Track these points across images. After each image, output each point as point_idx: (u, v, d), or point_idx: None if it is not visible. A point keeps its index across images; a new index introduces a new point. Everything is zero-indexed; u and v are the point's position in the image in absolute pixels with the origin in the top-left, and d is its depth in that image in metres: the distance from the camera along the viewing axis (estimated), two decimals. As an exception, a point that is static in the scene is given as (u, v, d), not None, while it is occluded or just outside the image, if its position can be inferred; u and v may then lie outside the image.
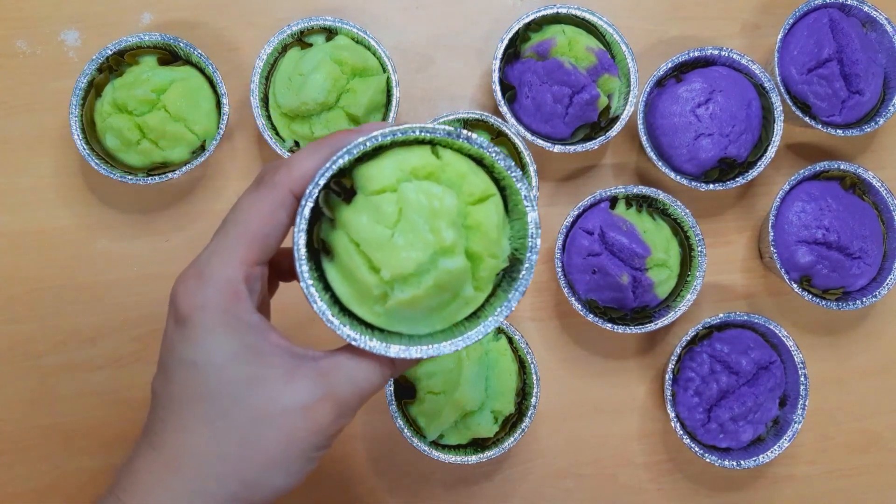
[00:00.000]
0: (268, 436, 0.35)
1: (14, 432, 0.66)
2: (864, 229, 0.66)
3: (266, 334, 0.36)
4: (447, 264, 0.35)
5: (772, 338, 0.66)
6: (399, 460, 0.67)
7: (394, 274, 0.35)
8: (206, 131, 0.66)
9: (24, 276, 0.67)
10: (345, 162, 0.35)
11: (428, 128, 0.36)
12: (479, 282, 0.37)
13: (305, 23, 0.66)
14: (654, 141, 0.68)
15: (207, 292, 0.35)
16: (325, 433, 0.36)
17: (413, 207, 0.35)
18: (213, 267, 0.36)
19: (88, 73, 0.64)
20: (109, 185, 0.68)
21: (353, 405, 0.37)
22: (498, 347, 0.64)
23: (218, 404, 0.35)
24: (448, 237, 0.35)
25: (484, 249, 0.36)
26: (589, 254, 0.64)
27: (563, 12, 0.67)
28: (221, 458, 0.35)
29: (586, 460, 0.68)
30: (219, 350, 0.35)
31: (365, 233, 0.35)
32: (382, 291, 0.36)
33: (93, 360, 0.67)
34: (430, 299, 0.36)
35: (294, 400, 0.35)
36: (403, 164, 0.36)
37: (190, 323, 0.35)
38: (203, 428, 0.35)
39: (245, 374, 0.35)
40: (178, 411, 0.36)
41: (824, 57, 0.66)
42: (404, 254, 0.35)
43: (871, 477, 0.70)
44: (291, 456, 0.35)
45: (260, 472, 0.35)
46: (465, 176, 0.36)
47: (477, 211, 0.36)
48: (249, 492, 0.35)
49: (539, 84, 0.65)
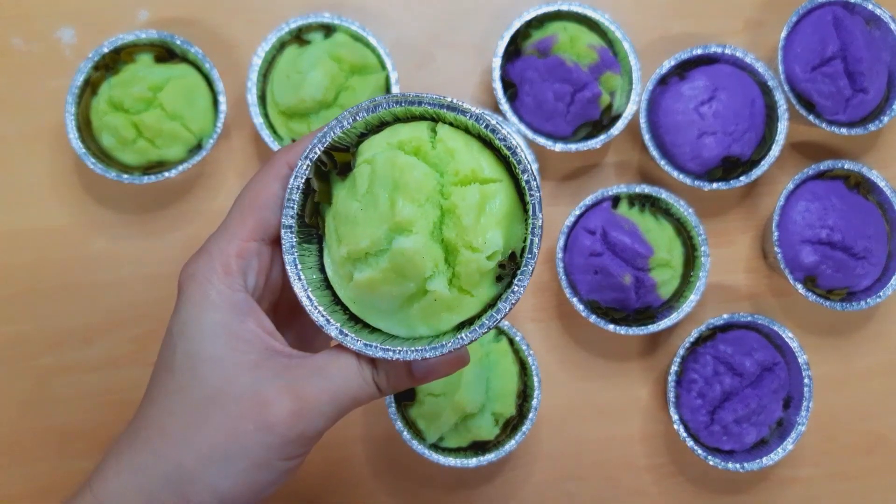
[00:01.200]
0: (214, 420, 0.32)
1: (10, 434, 0.65)
2: (868, 229, 0.66)
3: (245, 316, 0.34)
4: (401, 243, 0.32)
5: (776, 339, 0.65)
6: (399, 463, 0.66)
7: (349, 250, 0.32)
8: (203, 130, 0.65)
9: (20, 276, 0.67)
10: (336, 135, 0.34)
11: (416, 96, 0.33)
12: (460, 279, 0.33)
13: (304, 20, 0.66)
14: (656, 139, 0.67)
15: (199, 264, 0.35)
16: (277, 431, 0.32)
17: (379, 178, 0.32)
18: (212, 241, 0.35)
19: (84, 71, 0.64)
20: (105, 184, 0.68)
21: (320, 406, 0.33)
22: (498, 349, 0.63)
23: (178, 377, 0.33)
24: (402, 211, 0.31)
25: (458, 237, 0.32)
26: (591, 254, 0.64)
27: (565, 9, 0.66)
28: (166, 434, 0.33)
29: (588, 463, 0.68)
30: (192, 321, 0.34)
31: (340, 205, 0.34)
32: (347, 271, 0.33)
33: (89, 361, 0.66)
34: (389, 285, 0.32)
35: (249, 387, 0.33)
36: (392, 138, 0.34)
37: (181, 292, 0.35)
38: (162, 400, 0.34)
39: (210, 350, 0.33)
40: (151, 381, 0.35)
41: (828, 55, 0.66)
42: (360, 228, 0.32)
43: (876, 479, 0.69)
44: (234, 450, 0.32)
45: (197, 460, 0.32)
46: (455, 152, 0.33)
47: (456, 192, 0.32)
48: (184, 480, 0.32)
49: (540, 81, 0.65)
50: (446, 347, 0.32)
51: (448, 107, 0.33)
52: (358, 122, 0.34)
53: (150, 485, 0.33)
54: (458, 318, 0.34)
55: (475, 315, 0.34)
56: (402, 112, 0.34)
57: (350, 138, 0.35)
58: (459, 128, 0.34)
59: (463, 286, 0.33)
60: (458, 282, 0.33)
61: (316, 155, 0.34)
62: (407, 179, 0.32)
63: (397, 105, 0.34)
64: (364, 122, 0.34)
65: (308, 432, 0.33)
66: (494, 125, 0.33)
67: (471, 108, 0.33)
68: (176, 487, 0.32)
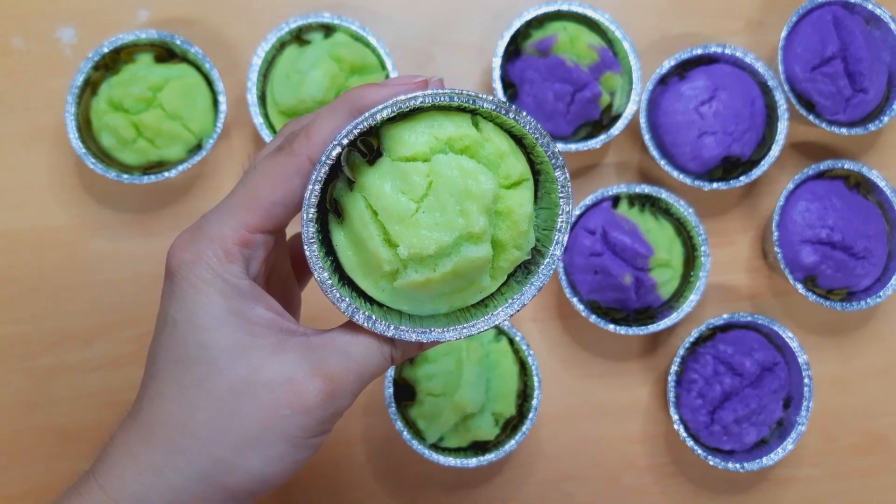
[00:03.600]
0: (246, 410, 0.32)
1: (9, 434, 0.65)
2: (868, 229, 0.66)
3: (255, 301, 0.33)
4: (471, 252, 0.32)
5: (776, 339, 0.65)
6: (398, 463, 0.66)
7: (412, 253, 0.32)
8: (203, 130, 0.65)
9: (19, 276, 0.67)
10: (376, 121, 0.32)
11: (472, 95, 0.33)
12: (497, 271, 0.34)
13: (304, 20, 0.66)
14: (656, 139, 0.67)
15: (198, 247, 0.33)
16: (314, 414, 0.32)
17: (445, 184, 0.32)
18: (210, 224, 0.34)
19: (84, 70, 0.63)
20: (105, 184, 0.68)
21: (348, 385, 0.33)
22: (499, 349, 0.63)
23: (195, 370, 0.32)
24: (478, 223, 0.32)
25: (510, 239, 0.33)
26: (591, 254, 0.64)
27: (565, 9, 0.66)
28: (192, 430, 0.32)
29: (588, 463, 0.68)
30: (201, 310, 0.32)
31: (386, 202, 0.32)
32: (394, 268, 0.33)
33: (88, 362, 0.66)
34: (444, 284, 0.33)
35: (279, 372, 0.32)
36: (440, 132, 0.33)
37: (177, 278, 0.33)
38: (178, 395, 0.32)
39: (227, 339, 0.32)
40: (157, 375, 0.33)
41: (828, 55, 0.66)
42: (426, 233, 0.32)
43: (876, 479, 0.69)
44: (272, 436, 0.32)
45: (234, 451, 0.32)
46: (505, 156, 0.33)
47: (510, 196, 0.33)
48: (222, 472, 0.32)
49: (540, 81, 0.65)
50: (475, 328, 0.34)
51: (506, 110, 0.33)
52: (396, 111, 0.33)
53: (183, 482, 0.32)
54: (481, 297, 0.35)
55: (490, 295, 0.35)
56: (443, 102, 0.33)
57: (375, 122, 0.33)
58: (493, 122, 0.34)
59: (496, 275, 0.35)
60: (493, 272, 0.34)
61: (352, 138, 0.32)
62: (480, 190, 0.32)
63: (455, 100, 0.33)
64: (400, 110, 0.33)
65: (340, 409, 0.34)
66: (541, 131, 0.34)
67: (528, 119, 0.33)
68: (214, 479, 0.32)
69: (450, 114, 0.33)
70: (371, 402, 0.67)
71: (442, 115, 0.33)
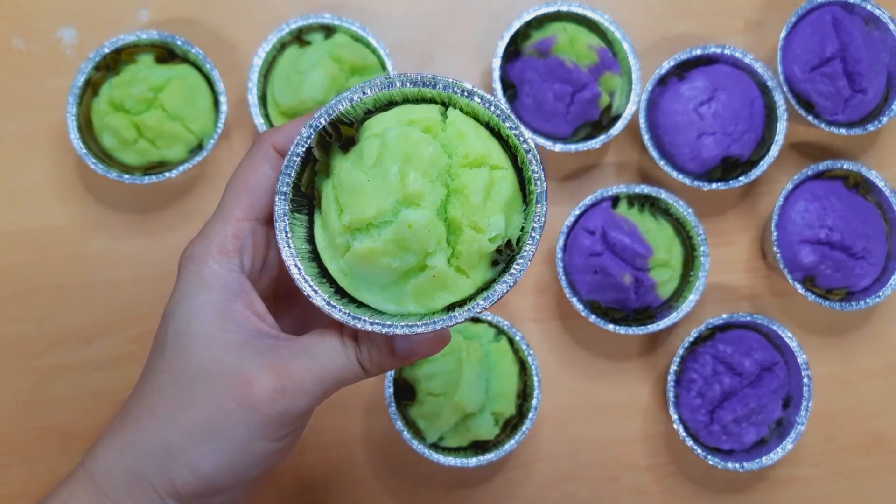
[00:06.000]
0: (199, 398, 0.33)
1: (9, 434, 0.65)
2: (867, 229, 0.66)
3: (236, 297, 0.35)
4: (409, 215, 0.32)
5: (775, 338, 0.65)
6: (398, 463, 0.66)
7: (352, 218, 0.32)
8: (204, 130, 0.65)
9: (20, 275, 0.67)
10: (344, 108, 0.34)
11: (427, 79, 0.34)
12: (459, 258, 0.33)
13: (304, 20, 0.66)
14: (656, 140, 0.67)
15: (197, 245, 0.35)
16: (260, 410, 0.32)
17: (389, 151, 0.33)
18: (208, 224, 0.36)
19: (85, 71, 0.64)
20: (106, 184, 0.68)
21: (304, 385, 0.33)
22: (498, 349, 0.63)
23: (168, 355, 0.34)
24: (413, 184, 0.32)
25: (464, 216, 0.33)
26: (590, 254, 0.64)
27: (565, 10, 0.66)
28: (155, 411, 0.33)
29: (588, 463, 0.68)
30: (184, 301, 0.34)
31: (344, 176, 0.34)
32: (345, 241, 0.33)
33: (89, 362, 0.66)
34: (389, 257, 0.33)
35: (233, 364, 0.33)
36: (403, 116, 0.34)
37: (179, 274, 0.35)
38: (152, 378, 0.34)
39: (198, 329, 0.34)
40: (147, 361, 0.35)
41: (827, 55, 0.66)
42: (367, 198, 0.32)
43: (876, 479, 0.69)
44: (217, 429, 0.32)
45: (183, 438, 0.33)
46: (465, 136, 0.34)
47: (466, 173, 0.33)
48: (168, 459, 0.33)
49: (540, 82, 0.65)
50: (438, 324, 0.33)
51: (463, 91, 0.34)
52: (367, 97, 0.34)
53: (137, 462, 0.33)
54: (451, 298, 0.34)
55: (466, 297, 0.34)
56: (412, 94, 0.35)
57: (356, 114, 0.35)
58: (469, 115, 0.35)
59: (461, 266, 0.34)
60: (456, 261, 0.33)
61: (321, 124, 0.34)
62: (420, 154, 0.32)
63: (412, 85, 0.34)
64: (373, 98, 0.35)
65: (291, 411, 0.33)
66: (507, 113, 0.34)
67: (484, 95, 0.34)
68: (161, 465, 0.33)
69: (422, 104, 0.35)
70: (371, 401, 0.67)
71: (413, 105, 0.35)
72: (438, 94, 0.34)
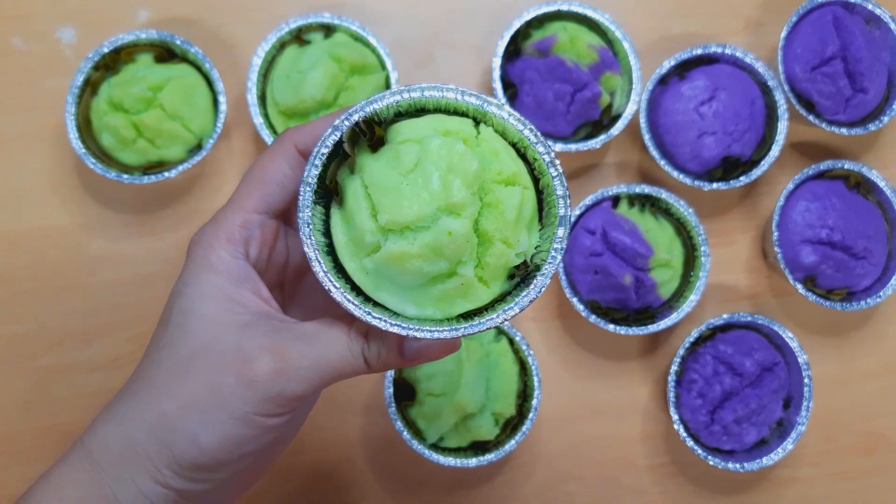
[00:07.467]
0: (197, 372, 0.33)
1: (9, 434, 0.65)
2: (868, 229, 0.66)
3: (242, 282, 0.36)
4: (449, 224, 0.33)
5: (776, 338, 0.65)
6: (398, 463, 0.66)
7: (390, 219, 0.33)
8: (203, 130, 0.65)
9: (19, 276, 0.67)
10: (381, 107, 0.35)
11: (473, 94, 0.35)
12: (484, 269, 0.34)
13: (304, 20, 0.66)
14: (656, 139, 0.67)
15: (206, 230, 0.36)
16: (257, 388, 0.33)
17: (431, 158, 0.33)
18: (219, 212, 0.37)
19: (84, 71, 0.63)
20: (105, 184, 0.68)
21: (301, 369, 0.34)
22: (499, 349, 0.63)
23: (171, 331, 0.35)
24: (458, 194, 0.33)
25: (496, 231, 0.34)
26: (591, 254, 0.64)
27: (565, 9, 0.66)
28: (153, 384, 0.34)
29: (588, 463, 0.68)
30: (191, 281, 0.35)
31: (377, 176, 0.34)
32: (376, 241, 0.34)
33: (89, 362, 0.66)
34: (421, 262, 0.33)
35: (234, 342, 0.34)
36: (439, 125, 0.35)
37: (187, 257, 0.36)
38: (154, 353, 0.35)
39: (204, 308, 0.34)
40: (150, 339, 0.36)
41: (828, 55, 0.66)
42: (407, 202, 0.33)
43: (876, 479, 0.69)
44: (214, 402, 0.33)
45: (179, 410, 0.33)
46: (498, 154, 0.35)
47: (500, 190, 0.34)
48: (166, 429, 0.33)
49: (540, 82, 0.65)
50: (460, 331, 0.34)
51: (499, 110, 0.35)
52: (403, 100, 0.35)
53: (134, 432, 0.34)
54: (470, 305, 0.35)
55: (483, 307, 0.35)
56: (445, 104, 0.36)
57: (387, 115, 0.35)
58: (499, 132, 0.36)
59: (484, 276, 0.35)
60: (480, 271, 0.34)
61: (357, 120, 0.34)
62: (466, 166, 0.33)
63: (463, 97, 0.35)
64: (409, 102, 0.36)
65: (287, 393, 0.34)
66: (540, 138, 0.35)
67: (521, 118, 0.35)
68: (158, 435, 0.33)
69: (453, 116, 0.36)
70: (371, 402, 0.67)
71: (446, 116, 0.35)
72: (476, 109, 0.35)
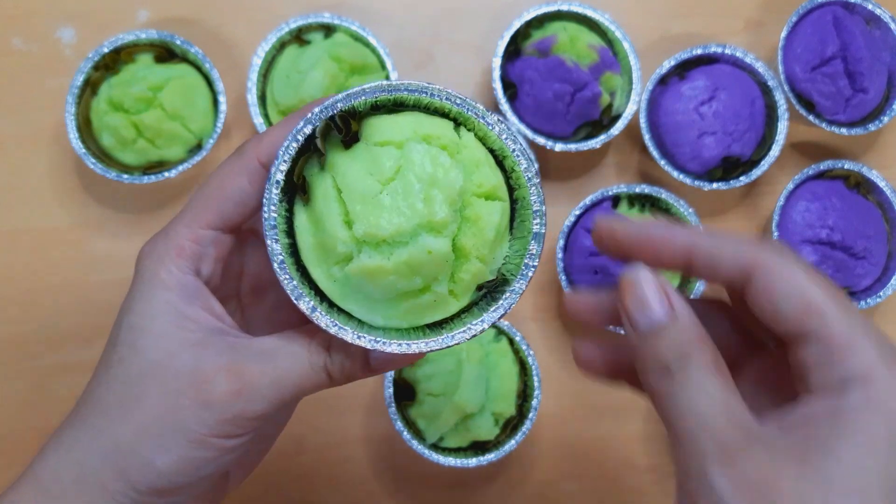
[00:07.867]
0: (151, 394, 0.32)
1: (10, 435, 0.65)
2: (868, 229, 0.66)
3: (194, 298, 0.34)
4: (429, 243, 0.31)
5: (776, 339, 0.65)
6: (398, 463, 0.66)
7: (367, 232, 0.31)
8: (203, 130, 0.65)
9: (20, 276, 0.67)
10: (358, 102, 0.32)
11: (454, 95, 0.33)
12: (457, 284, 0.33)
13: (304, 20, 0.66)
14: (656, 139, 0.67)
15: (156, 243, 0.35)
16: (214, 410, 0.32)
17: (414, 169, 0.31)
18: (171, 224, 0.35)
19: (84, 70, 0.63)
20: (105, 184, 0.68)
21: (261, 388, 0.32)
22: (498, 349, 0.63)
23: (119, 350, 0.33)
24: (441, 212, 0.31)
25: (474, 248, 0.32)
26: (591, 254, 0.64)
27: (565, 9, 0.66)
28: (103, 408, 0.33)
29: (588, 463, 0.68)
30: (140, 297, 0.34)
31: (352, 180, 0.32)
32: (348, 251, 0.32)
33: (90, 362, 0.65)
34: (396, 278, 0.31)
35: (190, 362, 0.32)
36: (419, 128, 0.33)
37: (136, 270, 0.35)
38: (102, 375, 0.34)
39: (154, 325, 0.33)
40: (100, 358, 0.35)
41: (828, 55, 0.66)
42: (386, 215, 0.31)
43: (876, 479, 0.69)
44: (169, 425, 0.32)
45: (134, 435, 0.32)
46: (480, 165, 0.33)
47: (480, 205, 0.32)
48: (121, 456, 0.32)
49: (540, 81, 0.65)
50: (432, 344, 0.32)
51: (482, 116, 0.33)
52: (382, 96, 0.33)
53: (87, 459, 0.32)
54: (438, 316, 0.34)
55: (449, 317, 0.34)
56: (426, 101, 0.33)
57: (363, 108, 0.33)
58: (479, 138, 0.34)
59: (455, 290, 0.33)
60: (453, 286, 0.33)
61: (332, 113, 0.32)
62: (449, 182, 0.31)
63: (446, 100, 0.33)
64: (388, 97, 0.33)
65: (246, 413, 0.32)
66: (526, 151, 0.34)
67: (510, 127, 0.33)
68: (113, 462, 0.32)
69: (433, 117, 0.34)
70: (371, 402, 0.67)
71: (425, 116, 0.34)
72: (458, 112, 0.33)
